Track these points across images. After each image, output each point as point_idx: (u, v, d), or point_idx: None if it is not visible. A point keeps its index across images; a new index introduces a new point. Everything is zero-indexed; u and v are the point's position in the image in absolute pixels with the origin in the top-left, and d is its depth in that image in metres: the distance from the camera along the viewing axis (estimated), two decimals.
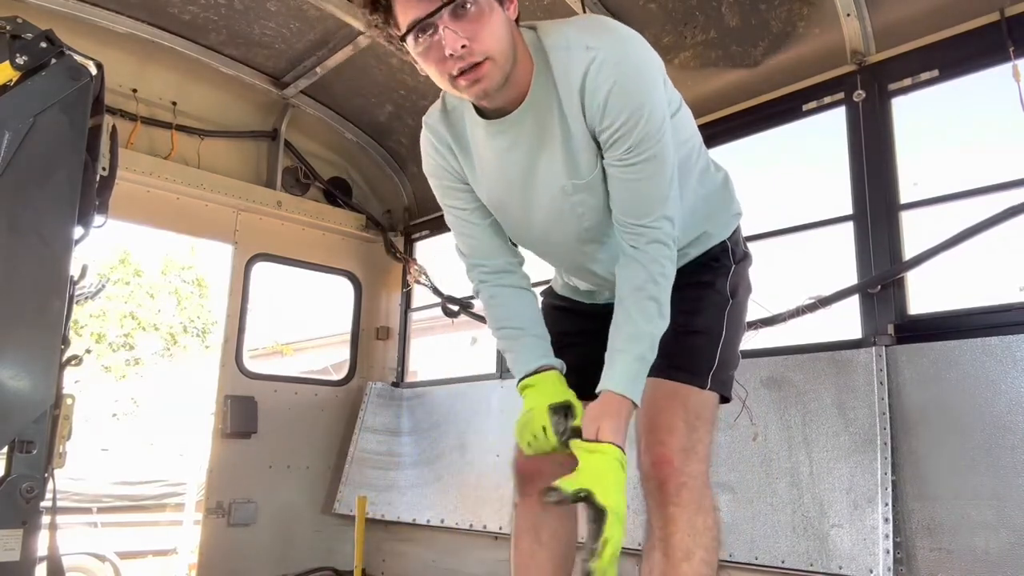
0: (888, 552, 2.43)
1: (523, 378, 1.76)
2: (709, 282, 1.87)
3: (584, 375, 1.80)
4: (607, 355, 1.65)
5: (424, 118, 1.87)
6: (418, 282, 4.69)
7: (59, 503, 2.15)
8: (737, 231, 1.98)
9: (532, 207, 1.75)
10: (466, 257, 1.94)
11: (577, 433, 1.60)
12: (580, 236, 1.78)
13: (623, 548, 1.49)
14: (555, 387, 1.71)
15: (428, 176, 1.90)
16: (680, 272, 1.77)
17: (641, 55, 1.55)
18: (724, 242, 1.93)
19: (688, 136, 1.82)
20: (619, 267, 1.69)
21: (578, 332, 1.98)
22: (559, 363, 1.78)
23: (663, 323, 1.64)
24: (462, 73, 1.48)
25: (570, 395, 1.70)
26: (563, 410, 1.66)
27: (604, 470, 1.51)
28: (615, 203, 1.66)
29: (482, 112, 1.68)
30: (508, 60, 1.52)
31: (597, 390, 1.61)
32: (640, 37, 1.58)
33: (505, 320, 1.86)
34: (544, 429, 1.64)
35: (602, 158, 1.64)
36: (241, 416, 4.19)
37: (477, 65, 1.47)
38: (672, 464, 1.67)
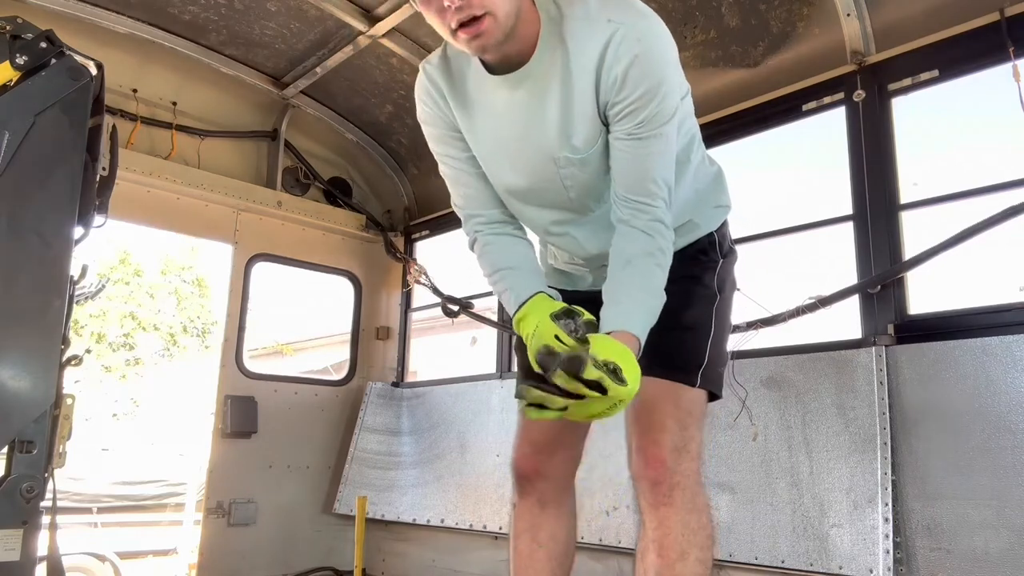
0: (888, 552, 2.43)
1: (517, 311, 1.67)
2: (696, 277, 1.86)
3: None
4: (611, 299, 1.61)
5: (423, 63, 1.90)
6: (418, 282, 4.69)
7: (59, 503, 2.15)
8: (724, 225, 1.97)
9: (520, 168, 1.75)
10: (461, 208, 1.91)
11: (593, 327, 1.50)
12: (562, 204, 1.79)
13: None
14: (550, 303, 1.61)
15: (421, 123, 1.91)
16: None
17: (662, 34, 1.58)
18: (712, 235, 1.92)
19: (690, 125, 1.84)
20: (619, 237, 1.67)
21: None
22: (554, 292, 1.73)
23: (663, 298, 1.63)
24: (462, 26, 1.48)
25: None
26: (566, 313, 1.55)
27: (630, 355, 1.42)
28: (617, 178, 1.66)
29: (488, 66, 1.68)
30: (510, 17, 1.52)
31: (606, 330, 1.52)
32: (659, 17, 1.59)
33: (499, 263, 1.81)
34: (557, 337, 1.48)
35: (607, 131, 1.64)
36: (241, 416, 4.19)
37: (477, 19, 1.47)
38: (665, 464, 1.65)
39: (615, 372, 1.37)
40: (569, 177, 1.72)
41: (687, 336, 1.78)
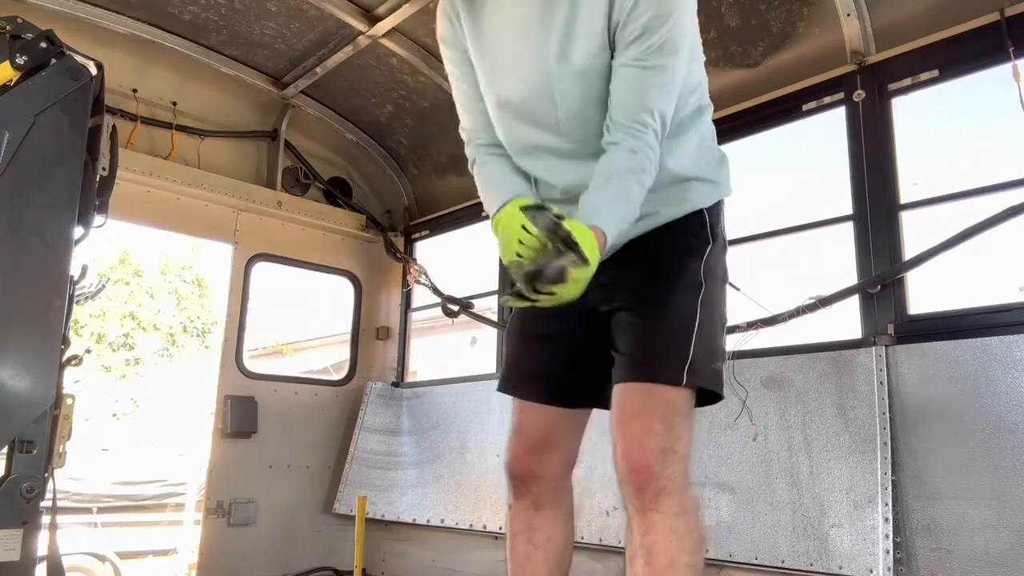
0: (888, 552, 2.43)
1: (496, 213, 1.68)
2: (680, 263, 1.78)
3: (555, 381, 1.86)
4: (584, 204, 1.63)
5: None
6: (418, 282, 4.69)
7: (59, 503, 2.15)
8: (719, 209, 1.89)
9: (516, 77, 1.78)
10: (466, 131, 1.99)
11: (560, 219, 1.50)
12: (548, 126, 1.80)
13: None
14: (525, 201, 1.62)
15: (440, 42, 1.95)
16: (652, 236, 1.79)
17: None
18: (703, 213, 1.84)
19: (697, 84, 1.84)
20: (605, 156, 1.68)
21: (547, 333, 1.94)
22: (537, 198, 1.77)
23: (636, 213, 1.65)
24: None
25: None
26: (536, 208, 1.56)
27: (590, 235, 1.49)
28: (615, 104, 1.68)
29: None
30: None
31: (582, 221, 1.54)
32: None
33: (490, 177, 1.89)
34: (524, 227, 1.52)
35: (611, 56, 1.67)
36: (241, 416, 4.19)
37: None
38: (651, 468, 1.61)
39: (575, 247, 1.43)
40: (560, 93, 1.74)
41: (667, 328, 1.71)
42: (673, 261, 1.79)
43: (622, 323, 1.77)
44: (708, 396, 1.79)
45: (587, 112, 1.74)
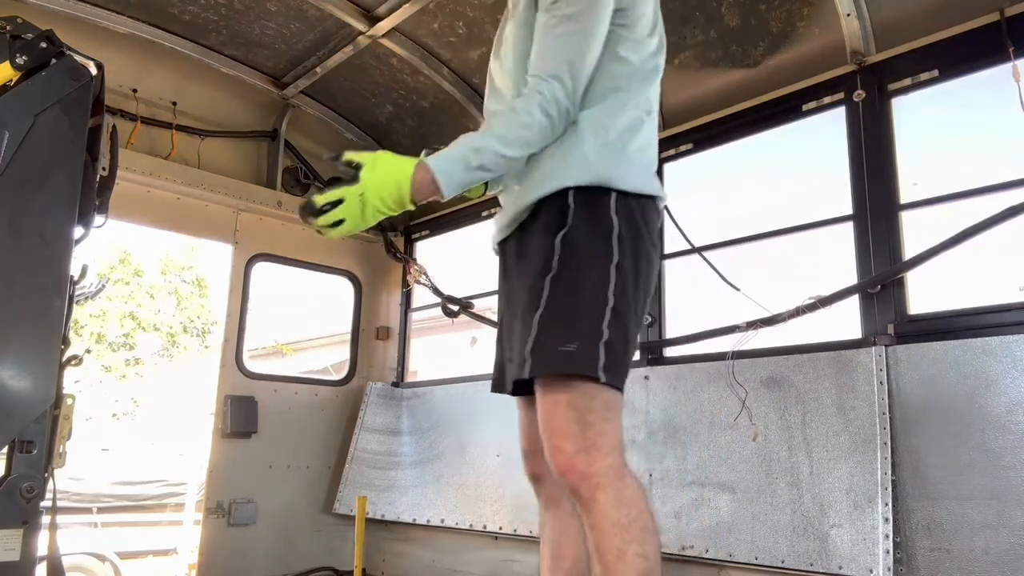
0: (888, 552, 2.43)
1: None
2: (537, 248, 1.72)
3: (503, 370, 1.88)
4: None
5: None
6: (418, 282, 4.69)
7: (59, 503, 2.15)
8: (605, 200, 1.69)
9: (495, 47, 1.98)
10: None
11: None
12: (492, 92, 1.94)
13: None
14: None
15: None
16: (527, 221, 1.78)
17: None
18: (566, 194, 1.69)
19: (623, 65, 1.76)
20: None
21: (501, 321, 1.97)
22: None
23: (494, 140, 1.66)
24: None
25: None
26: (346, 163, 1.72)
27: (380, 158, 1.65)
28: (531, 60, 1.74)
29: None
30: None
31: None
32: None
33: None
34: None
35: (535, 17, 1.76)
36: (241, 416, 4.19)
37: None
38: (576, 469, 1.57)
39: (357, 169, 1.64)
40: (498, 57, 1.90)
41: (529, 326, 1.64)
42: (532, 247, 1.74)
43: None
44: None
45: (516, 74, 1.80)
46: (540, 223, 1.74)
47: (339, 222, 1.63)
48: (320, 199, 1.63)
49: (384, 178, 1.62)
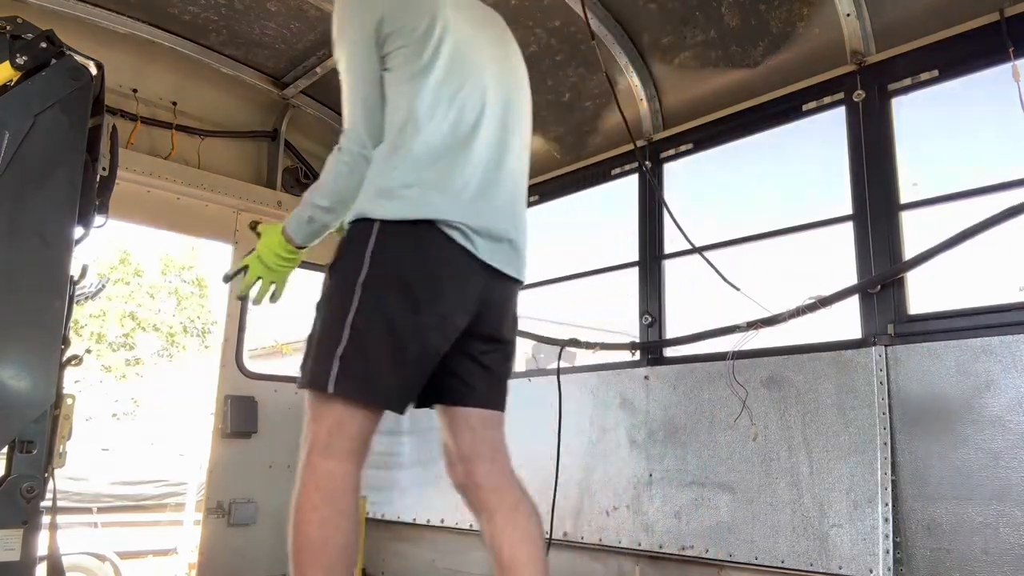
0: (888, 552, 2.43)
1: None
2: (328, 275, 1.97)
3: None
4: None
5: None
6: None
7: (59, 503, 2.15)
8: (367, 230, 1.85)
9: None
10: None
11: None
12: None
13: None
14: None
15: None
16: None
17: None
18: (352, 227, 1.91)
19: (394, 111, 1.90)
20: None
21: None
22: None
23: (308, 204, 1.95)
24: None
25: None
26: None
27: (268, 230, 2.02)
28: None
29: None
30: None
31: None
32: None
33: None
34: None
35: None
36: (241, 416, 4.19)
37: None
38: (301, 458, 1.82)
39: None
40: None
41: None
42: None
43: None
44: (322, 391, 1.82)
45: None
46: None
47: (259, 279, 2.02)
48: (229, 272, 2.13)
49: (268, 240, 2.01)
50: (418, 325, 1.82)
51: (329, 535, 1.76)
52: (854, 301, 2.83)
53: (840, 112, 3.01)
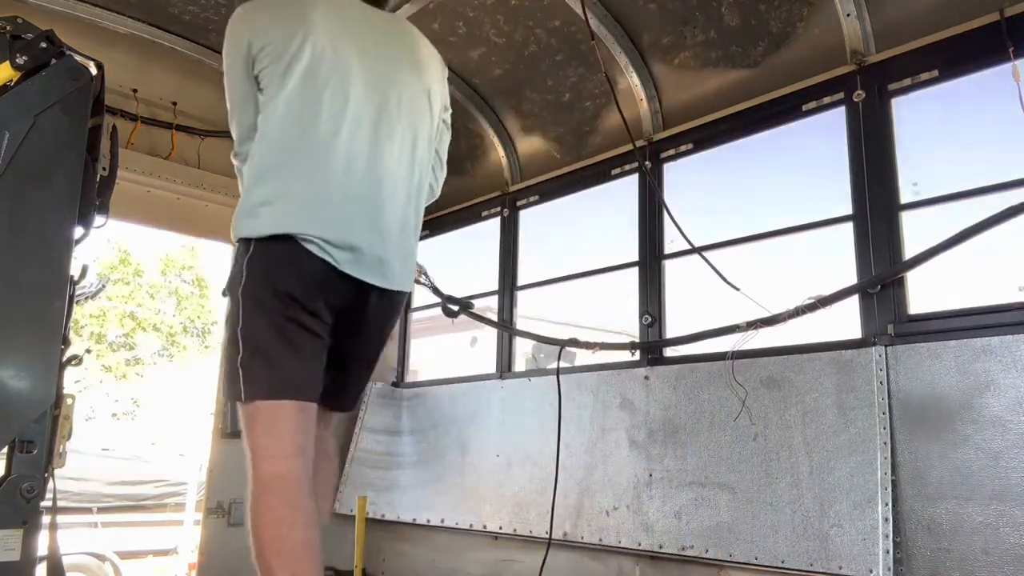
0: (888, 552, 2.43)
1: None
2: None
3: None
4: None
5: None
6: (418, 282, 4.68)
7: (59, 503, 2.15)
8: (242, 248, 2.00)
9: None
10: None
11: None
12: None
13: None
14: None
15: None
16: None
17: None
18: (237, 241, 2.02)
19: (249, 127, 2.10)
20: None
21: None
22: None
23: None
24: None
25: None
26: None
27: None
28: None
29: None
30: None
31: None
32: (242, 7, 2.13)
33: None
34: None
35: None
36: None
37: None
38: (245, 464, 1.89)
39: None
40: None
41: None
42: None
43: None
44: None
45: None
46: None
47: None
48: (226, 289, 2.12)
49: None
50: (297, 314, 1.92)
51: (286, 533, 1.78)
52: (854, 301, 2.83)
53: (840, 112, 3.01)
